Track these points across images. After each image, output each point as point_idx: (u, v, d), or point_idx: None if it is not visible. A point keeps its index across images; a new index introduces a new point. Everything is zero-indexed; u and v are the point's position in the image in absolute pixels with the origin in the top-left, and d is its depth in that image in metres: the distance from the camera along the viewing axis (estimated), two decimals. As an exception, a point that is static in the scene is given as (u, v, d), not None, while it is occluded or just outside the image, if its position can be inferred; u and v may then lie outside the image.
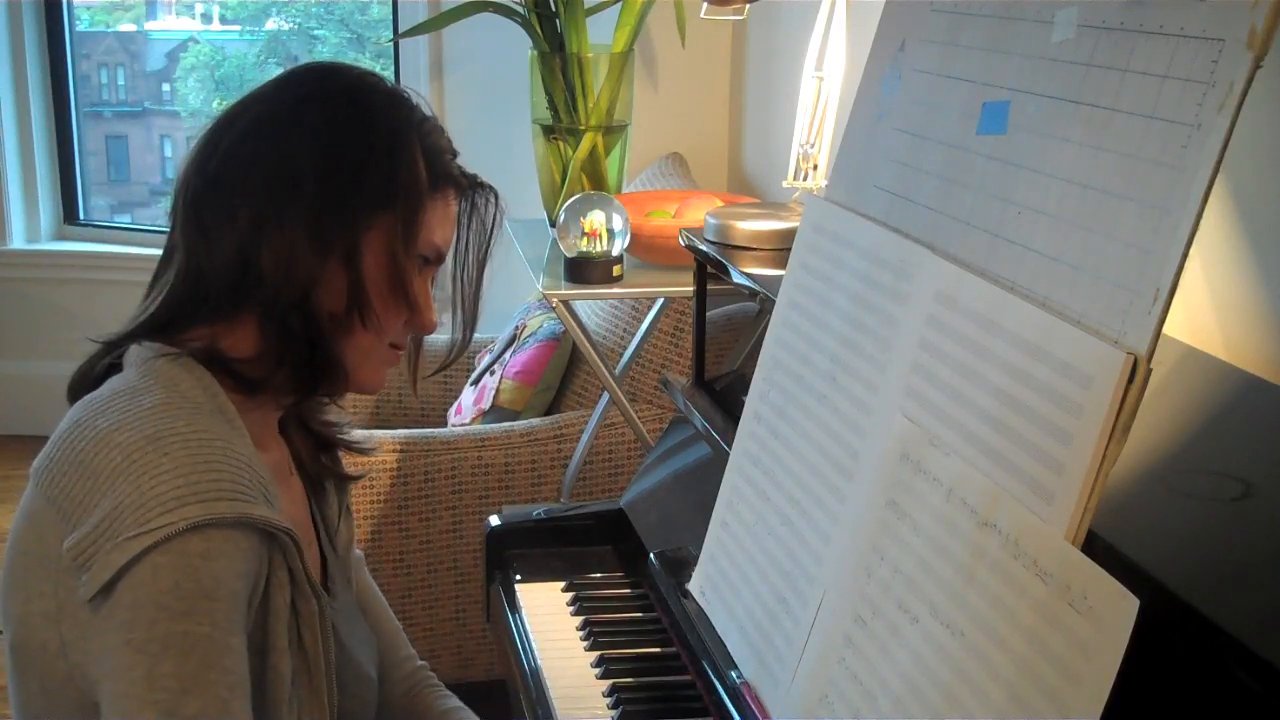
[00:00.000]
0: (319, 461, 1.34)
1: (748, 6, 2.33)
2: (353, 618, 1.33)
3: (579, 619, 1.61)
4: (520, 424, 2.59)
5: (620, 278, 2.25)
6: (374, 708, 1.32)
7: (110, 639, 1.00)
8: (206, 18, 4.80)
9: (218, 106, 4.67)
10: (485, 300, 1.32)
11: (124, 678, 0.98)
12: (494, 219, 1.29)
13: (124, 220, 4.50)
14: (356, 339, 1.18)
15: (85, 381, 1.19)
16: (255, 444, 1.15)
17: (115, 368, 1.17)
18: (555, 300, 2.24)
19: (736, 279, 1.72)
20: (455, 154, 1.25)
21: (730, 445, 1.42)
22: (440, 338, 1.35)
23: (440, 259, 1.24)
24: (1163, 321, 0.89)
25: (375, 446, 1.44)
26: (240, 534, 1.02)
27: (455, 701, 1.48)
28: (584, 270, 2.22)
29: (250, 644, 1.05)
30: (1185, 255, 0.88)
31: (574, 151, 2.69)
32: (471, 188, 1.27)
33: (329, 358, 1.17)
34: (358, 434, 1.39)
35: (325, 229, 1.13)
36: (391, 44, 3.93)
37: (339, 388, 1.22)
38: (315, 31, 4.60)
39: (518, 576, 1.73)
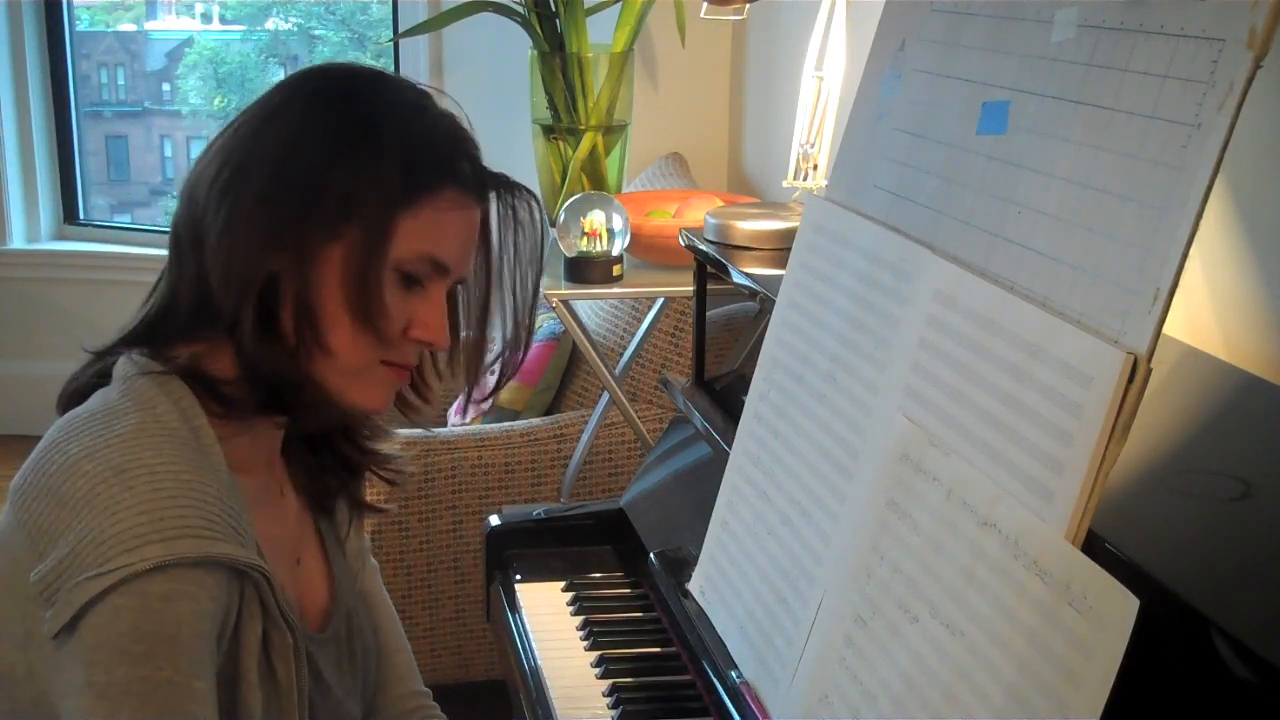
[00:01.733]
0: (321, 483, 1.29)
1: (748, 6, 2.33)
2: (344, 645, 1.27)
3: (579, 619, 1.61)
4: (520, 424, 2.59)
5: (620, 278, 2.25)
6: None
7: (73, 677, 0.98)
8: (206, 18, 4.80)
9: (218, 106, 4.67)
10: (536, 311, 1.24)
11: None
12: (541, 222, 1.19)
13: (124, 220, 4.50)
14: (333, 359, 1.10)
15: (74, 392, 1.16)
16: (240, 467, 1.11)
17: (105, 377, 1.14)
18: (555, 300, 2.24)
19: (736, 279, 1.72)
20: (466, 154, 1.15)
21: (730, 445, 1.42)
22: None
23: (447, 270, 1.13)
24: (1163, 321, 0.89)
25: (405, 479, 1.36)
26: (205, 573, 0.99)
27: None
28: (584, 270, 2.22)
29: (220, 677, 1.03)
30: (1185, 255, 0.88)
31: (574, 151, 2.69)
32: (495, 187, 1.17)
33: (300, 380, 1.11)
34: (407, 467, 1.34)
35: (274, 248, 1.08)
36: (391, 44, 3.93)
37: (327, 411, 1.15)
38: (315, 31, 4.60)
39: (518, 576, 1.73)
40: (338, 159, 1.08)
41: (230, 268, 1.08)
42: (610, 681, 1.47)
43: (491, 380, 1.29)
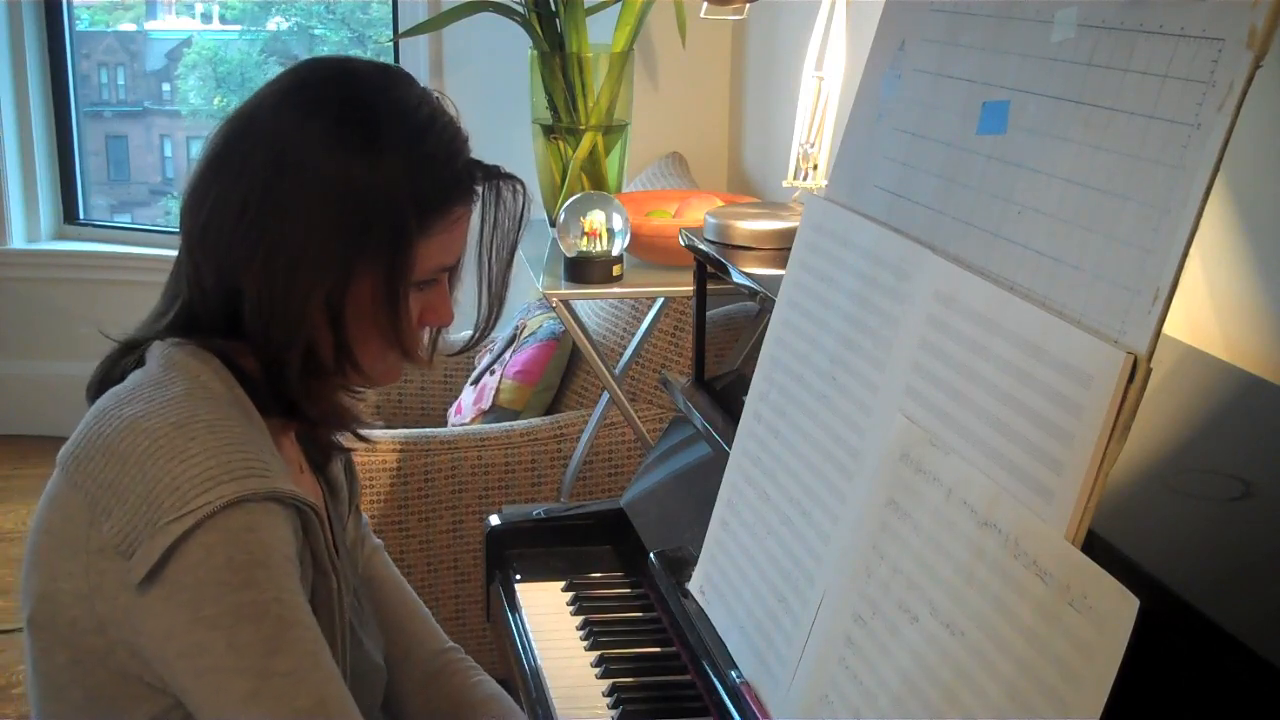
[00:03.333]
0: (324, 452, 1.34)
1: (748, 6, 2.33)
2: (361, 609, 1.34)
3: (579, 619, 1.61)
4: (520, 424, 2.59)
5: (620, 277, 2.25)
6: (381, 696, 1.33)
7: (174, 619, 1.02)
8: (206, 17, 4.80)
9: (218, 106, 4.67)
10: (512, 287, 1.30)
11: (205, 654, 1.02)
12: (521, 208, 1.25)
13: (124, 220, 4.50)
14: (361, 374, 1.19)
15: (107, 381, 1.19)
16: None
17: (139, 364, 1.18)
18: (555, 300, 2.24)
19: (736, 279, 1.72)
20: (469, 163, 1.20)
21: (730, 445, 1.42)
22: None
23: (451, 267, 1.22)
24: (1163, 321, 0.89)
25: (376, 440, 1.45)
26: (276, 506, 1.05)
27: (491, 687, 1.45)
28: (584, 270, 2.22)
29: None
30: (1185, 255, 0.88)
31: (574, 151, 2.69)
32: (488, 180, 1.22)
33: (326, 398, 1.20)
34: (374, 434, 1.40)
35: (314, 298, 1.13)
36: (392, 43, 3.93)
37: (339, 419, 1.24)
38: (316, 31, 4.60)
39: (518, 576, 1.73)
40: (348, 214, 1.12)
41: (274, 316, 1.13)
42: (610, 681, 1.47)
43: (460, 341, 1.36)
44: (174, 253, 1.22)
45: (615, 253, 2.23)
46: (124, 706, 1.08)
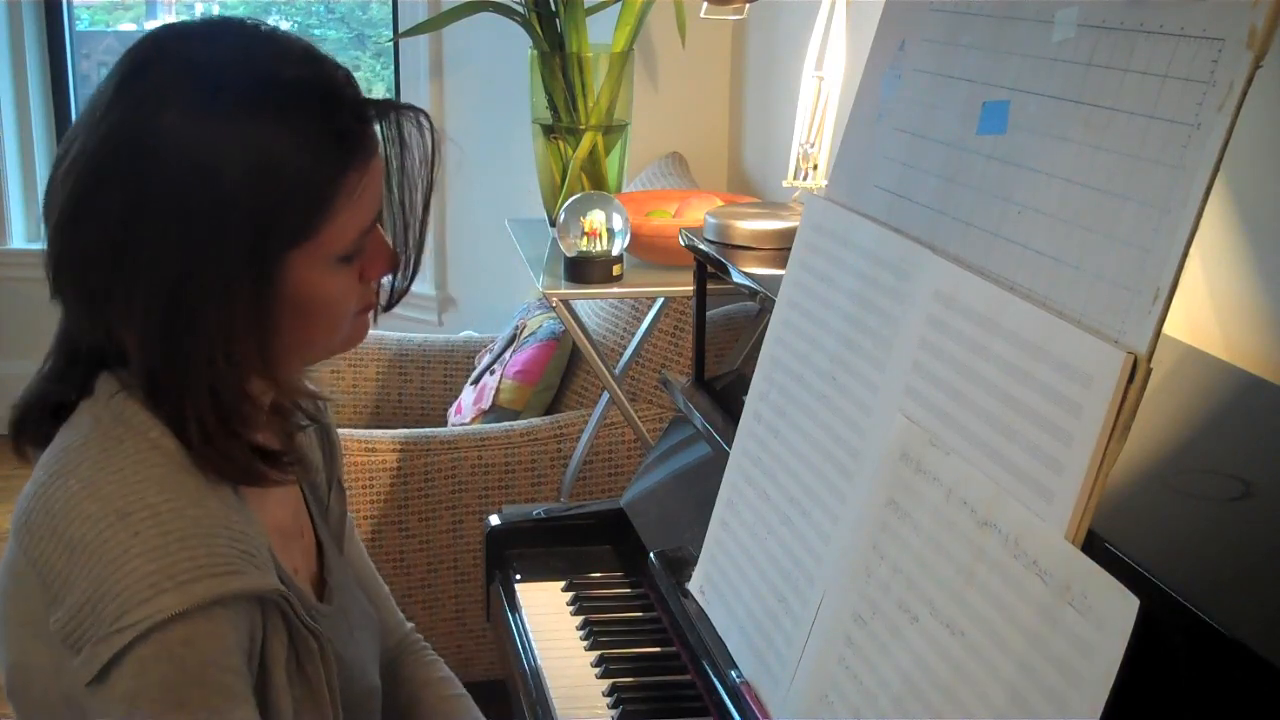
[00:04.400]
0: (295, 441, 1.23)
1: (748, 6, 2.34)
2: (350, 615, 1.29)
3: (579, 619, 1.61)
4: (520, 423, 2.59)
5: (620, 277, 2.25)
6: (379, 714, 1.30)
7: None
8: (207, 17, 4.80)
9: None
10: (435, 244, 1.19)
11: None
12: (431, 144, 1.09)
13: (124, 220, 4.50)
14: (313, 354, 1.09)
15: (40, 415, 1.11)
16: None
17: (82, 392, 1.09)
18: (555, 300, 2.24)
19: (736, 279, 1.72)
20: (363, 112, 1.03)
21: (730, 445, 1.42)
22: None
23: (375, 223, 1.07)
24: (1163, 321, 0.89)
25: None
26: (223, 608, 0.99)
27: (442, 670, 1.42)
28: (584, 270, 2.22)
29: (253, 689, 1.04)
30: (1185, 255, 0.88)
31: (574, 151, 2.69)
32: (383, 119, 1.06)
33: (254, 416, 1.08)
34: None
35: (209, 313, 1.00)
36: (391, 43, 3.93)
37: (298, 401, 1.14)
38: (315, 30, 4.60)
39: (518, 576, 1.73)
40: (249, 199, 0.98)
41: (168, 355, 1.00)
42: (610, 681, 1.47)
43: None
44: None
45: (615, 253, 2.23)
46: None
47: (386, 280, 1.15)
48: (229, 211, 0.97)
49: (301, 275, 1.02)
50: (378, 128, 1.06)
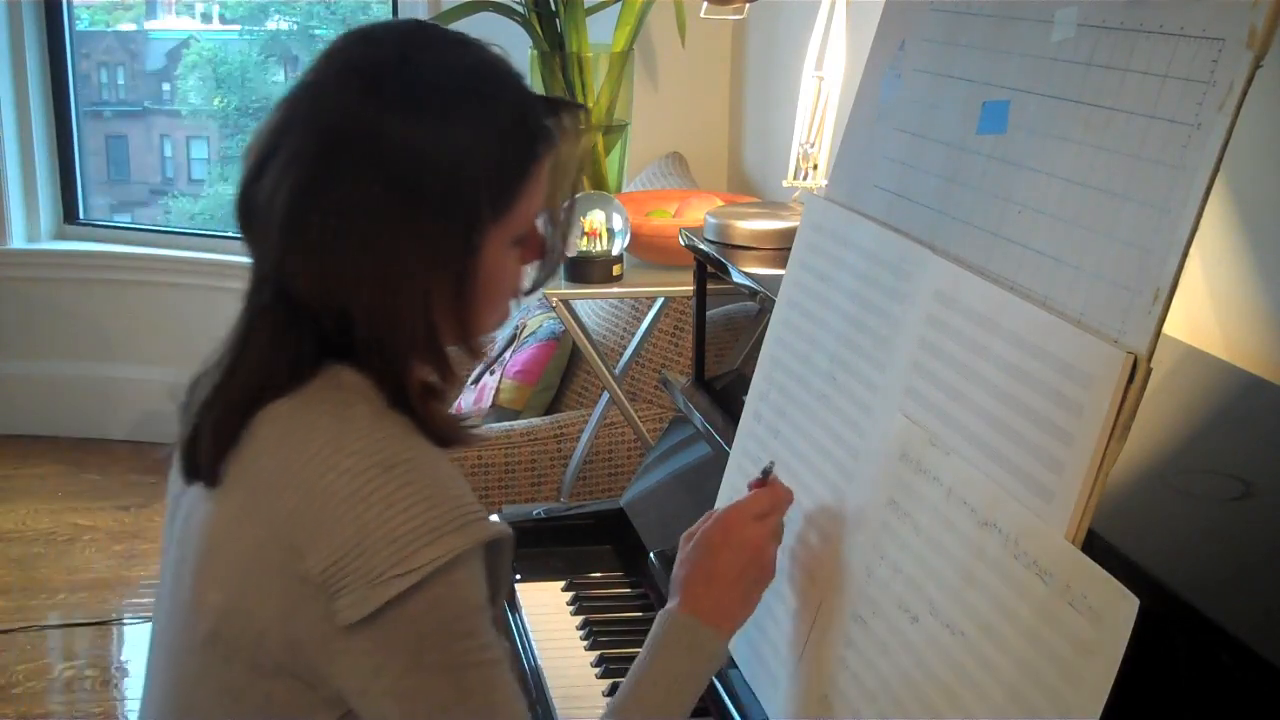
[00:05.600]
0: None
1: (748, 6, 2.33)
2: None
3: (579, 619, 1.61)
4: (520, 423, 2.59)
5: (620, 277, 2.25)
6: None
7: (390, 662, 1.03)
8: (206, 17, 4.80)
9: (218, 106, 4.67)
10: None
11: (426, 697, 1.04)
12: (582, 136, 1.20)
13: (124, 220, 4.49)
14: (484, 328, 1.15)
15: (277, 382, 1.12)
16: None
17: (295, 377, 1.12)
18: (555, 300, 2.24)
19: (736, 279, 1.72)
20: (530, 106, 1.13)
21: (730, 445, 1.42)
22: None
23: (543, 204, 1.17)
24: (1163, 321, 0.89)
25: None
26: (476, 551, 1.05)
27: None
28: (584, 270, 2.22)
29: None
30: (1185, 255, 0.88)
31: (574, 151, 2.69)
32: (552, 115, 1.15)
33: (439, 412, 1.15)
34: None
35: (430, 297, 1.08)
36: (391, 44, 3.93)
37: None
38: (316, 30, 4.60)
39: (518, 576, 1.73)
40: (463, 183, 1.07)
41: (401, 325, 1.09)
42: (610, 681, 1.47)
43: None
44: (174, 252, 1.20)
45: (615, 252, 2.23)
46: (303, 713, 1.08)
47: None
48: (446, 194, 1.07)
49: (491, 252, 1.10)
50: (548, 123, 1.15)
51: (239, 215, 1.11)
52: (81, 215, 4.26)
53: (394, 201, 1.07)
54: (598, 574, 1.73)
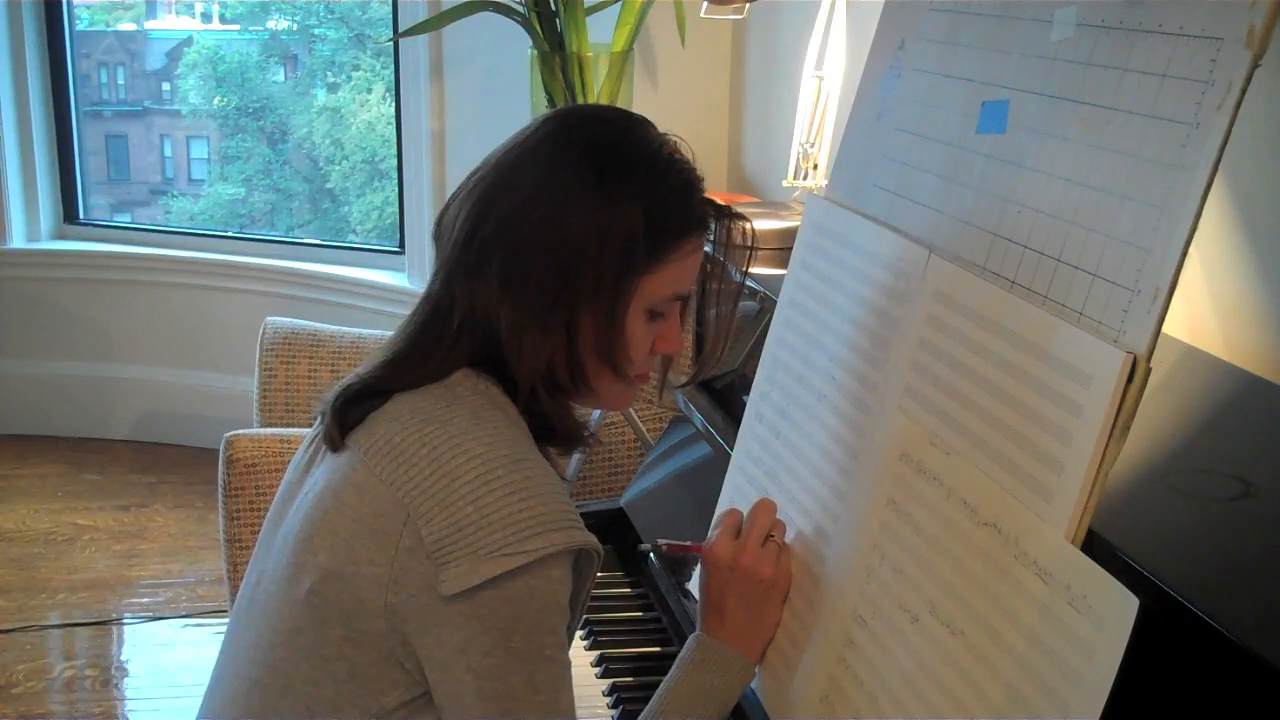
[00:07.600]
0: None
1: (748, 6, 2.33)
2: None
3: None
4: (520, 423, 2.59)
5: (620, 277, 2.25)
6: None
7: (478, 638, 1.10)
8: (206, 17, 4.80)
9: (218, 105, 4.67)
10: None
11: (502, 680, 1.10)
12: (750, 247, 1.29)
13: (124, 220, 4.49)
14: (596, 397, 1.24)
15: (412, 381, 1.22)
16: None
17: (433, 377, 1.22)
18: (555, 300, 2.23)
19: (736, 279, 1.72)
20: (698, 191, 1.25)
21: (730, 445, 1.42)
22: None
23: (683, 296, 1.26)
24: (1162, 320, 0.89)
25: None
26: (570, 556, 1.13)
27: None
28: (584, 270, 2.22)
29: None
30: (1185, 254, 0.88)
31: (574, 151, 2.69)
32: (719, 219, 1.27)
33: (569, 418, 1.25)
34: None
35: (557, 335, 1.19)
36: (391, 43, 3.93)
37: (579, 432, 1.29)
38: (316, 30, 4.60)
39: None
40: (583, 246, 1.17)
41: (524, 354, 1.19)
42: (610, 681, 1.47)
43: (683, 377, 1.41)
44: (174, 252, 1.22)
45: (615, 252, 2.22)
46: (382, 687, 1.14)
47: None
48: (607, 251, 1.18)
49: (631, 310, 1.20)
50: (712, 223, 1.27)
51: (437, 225, 1.23)
52: (81, 215, 4.26)
53: (566, 258, 1.17)
54: (598, 574, 1.73)
